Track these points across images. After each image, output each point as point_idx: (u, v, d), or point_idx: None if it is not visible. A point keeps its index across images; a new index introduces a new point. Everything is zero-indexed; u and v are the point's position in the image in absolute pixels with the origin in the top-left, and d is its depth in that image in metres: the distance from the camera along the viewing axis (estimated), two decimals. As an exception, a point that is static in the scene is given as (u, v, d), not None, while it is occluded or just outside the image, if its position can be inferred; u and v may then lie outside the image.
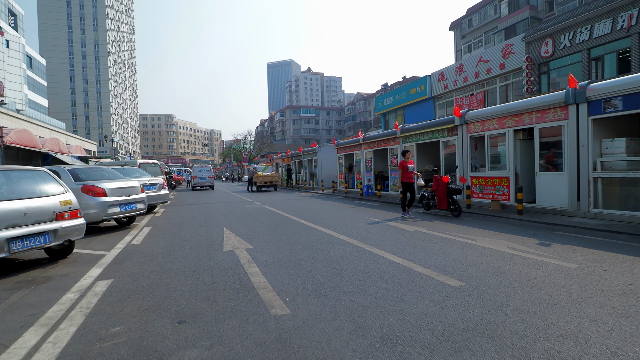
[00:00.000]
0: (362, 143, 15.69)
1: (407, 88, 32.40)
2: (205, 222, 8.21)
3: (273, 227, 7.21)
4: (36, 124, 33.11)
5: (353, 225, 7.22)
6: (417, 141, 12.10)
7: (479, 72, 24.34)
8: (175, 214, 10.15)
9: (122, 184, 7.39)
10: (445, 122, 10.62)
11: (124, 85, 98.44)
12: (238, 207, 11.52)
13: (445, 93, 27.78)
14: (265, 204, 12.43)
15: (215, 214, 9.87)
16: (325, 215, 9.02)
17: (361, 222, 7.70)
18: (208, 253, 5.01)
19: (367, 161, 15.52)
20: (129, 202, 7.41)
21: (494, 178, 9.02)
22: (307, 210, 10.29)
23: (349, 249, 5.06)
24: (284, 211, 10.08)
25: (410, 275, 3.71)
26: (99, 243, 6.09)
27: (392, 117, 35.47)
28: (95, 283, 3.79)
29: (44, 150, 13.57)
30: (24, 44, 55.32)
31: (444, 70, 27.51)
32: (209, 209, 11.30)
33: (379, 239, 5.71)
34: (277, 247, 5.26)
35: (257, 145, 69.66)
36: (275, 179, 21.20)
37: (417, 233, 6.21)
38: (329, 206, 11.40)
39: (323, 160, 21.12)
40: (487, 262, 4.16)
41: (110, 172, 8.02)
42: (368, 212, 9.43)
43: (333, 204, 12.28)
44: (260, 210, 10.43)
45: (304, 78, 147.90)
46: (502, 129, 8.73)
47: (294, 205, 11.95)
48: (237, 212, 10.24)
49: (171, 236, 6.52)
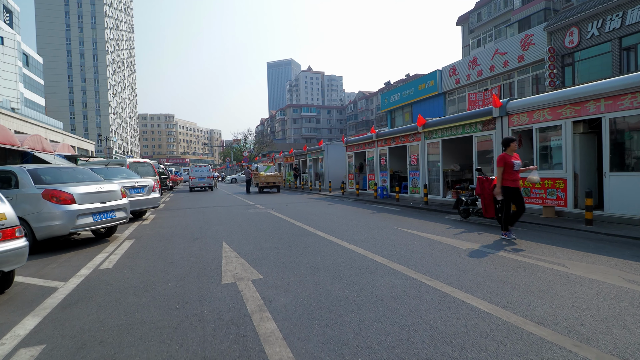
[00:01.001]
0: (375, 140, 14.22)
1: (416, 84, 30.91)
2: (200, 234, 6.76)
3: (285, 242, 5.75)
4: (31, 123, 31.69)
5: (385, 240, 5.76)
6: (443, 137, 10.62)
7: (495, 65, 22.86)
8: (166, 221, 8.71)
9: (96, 188, 5.93)
10: (480, 114, 9.15)
11: (123, 84, 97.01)
12: (239, 213, 10.08)
13: (457, 88, 26.30)
14: (269, 209, 10.98)
15: (213, 221, 8.42)
16: (344, 224, 7.56)
17: (392, 234, 6.25)
18: (200, 288, 3.56)
19: (381, 160, 14.05)
20: (105, 210, 5.96)
21: (545, 180, 7.55)
22: (320, 216, 8.83)
23: (398, 281, 3.60)
24: (294, 218, 8.62)
25: (526, 344, 2.26)
26: (60, 267, 4.64)
27: (398, 114, 34.03)
28: (14, 354, 2.34)
29: (23, 149, 12.13)
30: (20, 42, 53.98)
31: (456, 65, 26.03)
32: (207, 214, 9.85)
33: (431, 264, 4.25)
34: (296, 278, 3.81)
35: (257, 145, 68.24)
36: (279, 179, 19.73)
37: (476, 253, 4.75)
38: (344, 211, 9.94)
39: (330, 160, 19.66)
40: (630, 314, 2.70)
41: (86, 173, 6.57)
42: (394, 220, 7.96)
43: (347, 208, 10.81)
44: (266, 217, 8.97)
45: (304, 77, 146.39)
46: (557, 120, 7.26)
47: (303, 210, 10.50)
48: (238, 219, 8.78)
49: (155, 255, 5.06)
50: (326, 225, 7.36)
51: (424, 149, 11.45)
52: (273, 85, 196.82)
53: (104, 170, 8.84)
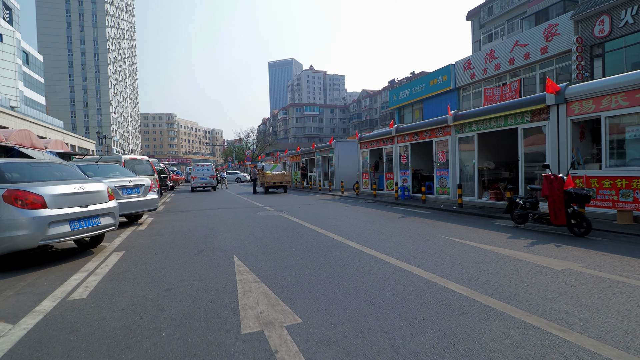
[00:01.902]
0: (395, 135, 12.95)
1: (427, 79, 29.63)
2: (205, 244, 5.52)
3: (313, 257, 4.51)
4: (30, 122, 30.62)
5: (442, 255, 4.51)
6: (479, 130, 9.36)
7: (515, 58, 21.55)
8: (165, 226, 7.48)
9: (74, 188, 4.69)
10: (529, 102, 7.87)
11: (124, 83, 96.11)
12: (248, 216, 8.84)
13: (472, 83, 25.00)
14: (281, 211, 9.75)
15: (219, 227, 7.19)
16: (376, 231, 6.31)
17: (445, 245, 5.00)
18: (210, 342, 2.31)
19: (401, 157, 12.78)
20: (87, 215, 4.73)
21: (617, 179, 6.29)
22: (343, 221, 7.58)
23: (513, 331, 2.34)
24: (314, 223, 7.37)
25: None
26: (18, 294, 3.41)
27: (407, 111, 32.78)
28: None
29: (8, 144, 10.97)
30: (20, 39, 53.08)
31: (471, 58, 24.73)
32: (211, 218, 8.61)
33: (539, 297, 2.99)
34: (353, 324, 2.54)
35: (260, 144, 67.06)
36: (286, 179, 18.50)
37: (585, 278, 3.49)
38: (368, 215, 8.68)
39: (341, 158, 18.42)
40: None
41: (65, 169, 5.34)
42: (434, 227, 6.70)
43: (370, 211, 9.56)
44: (280, 222, 7.72)
45: (306, 76, 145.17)
46: (637, 107, 6.00)
47: (320, 213, 9.25)
48: (248, 224, 7.54)
49: (147, 277, 3.83)
50: (355, 233, 6.11)
51: (455, 144, 10.19)
52: (274, 85, 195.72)
53: (93, 168, 7.63)
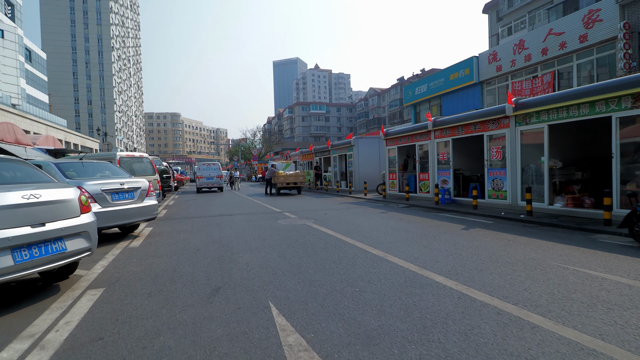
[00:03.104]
0: (432, 130, 11.21)
1: (447, 73, 27.81)
2: (221, 275, 3.85)
3: (396, 306, 2.81)
4: (31, 119, 29.23)
5: (602, 302, 2.80)
6: (551, 121, 7.59)
7: (549, 47, 19.65)
8: (165, 240, 5.83)
9: (23, 197, 3.03)
10: (631, 82, 6.11)
11: (129, 82, 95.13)
12: (268, 225, 7.17)
13: (497, 77, 23.13)
14: (305, 219, 8.06)
15: (235, 243, 5.51)
16: (455, 254, 4.59)
17: (584, 283, 3.27)
18: None
19: (440, 155, 11.04)
20: (42, 238, 3.07)
21: None
22: (393, 235, 5.87)
23: None
24: (357, 238, 5.66)
25: None
26: None
27: (424, 108, 31.01)
28: None
29: (-14, 140, 9.43)
30: (22, 36, 52.04)
31: (497, 49, 22.89)
32: (223, 229, 6.94)
33: None
34: None
35: (266, 143, 65.49)
36: (300, 179, 16.82)
37: None
38: (419, 226, 6.95)
39: (361, 156, 16.69)
40: None
41: (21, 169, 3.70)
42: (525, 246, 4.96)
43: (416, 220, 7.83)
44: (312, 235, 6.03)
45: (311, 75, 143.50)
46: None
47: (355, 222, 7.54)
48: (272, 238, 5.85)
49: (133, 355, 2.18)
50: (428, 257, 4.40)
51: (515, 138, 8.43)
52: (279, 85, 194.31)
53: (76, 166, 6.00)
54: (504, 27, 35.83)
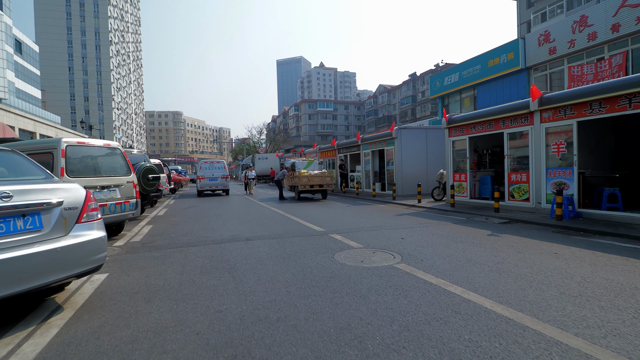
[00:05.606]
0: (537, 110, 7.67)
1: (484, 59, 24.13)
2: None
3: None
4: (16, 114, 25.42)
5: None
6: None
7: (621, 23, 15.90)
8: (122, 331, 2.36)
9: None
10: None
11: (128, 78, 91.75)
12: (325, 271, 3.67)
13: (550, 61, 19.38)
14: (381, 251, 4.56)
15: (285, 348, 2.03)
16: None
17: None
18: None
19: (551, 147, 7.51)
20: None
21: None
22: (583, 299, 2.39)
23: None
24: (564, 328, 2.18)
25: None
26: None
27: (454, 100, 27.37)
28: None
29: None
30: (10, 25, 48.54)
31: (550, 29, 19.26)
32: (240, 280, 3.43)
33: None
34: None
35: (272, 142, 61.99)
36: (327, 180, 13.31)
37: None
38: (606, 273, 3.44)
39: (404, 152, 13.14)
40: None
41: None
42: None
43: (575, 254, 4.30)
44: (425, 300, 2.54)
45: (316, 73, 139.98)
46: None
47: (485, 262, 4.03)
48: (360, 319, 2.36)
49: None
50: None
51: None
52: (283, 84, 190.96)
53: None
54: (537, 14, 31.89)
